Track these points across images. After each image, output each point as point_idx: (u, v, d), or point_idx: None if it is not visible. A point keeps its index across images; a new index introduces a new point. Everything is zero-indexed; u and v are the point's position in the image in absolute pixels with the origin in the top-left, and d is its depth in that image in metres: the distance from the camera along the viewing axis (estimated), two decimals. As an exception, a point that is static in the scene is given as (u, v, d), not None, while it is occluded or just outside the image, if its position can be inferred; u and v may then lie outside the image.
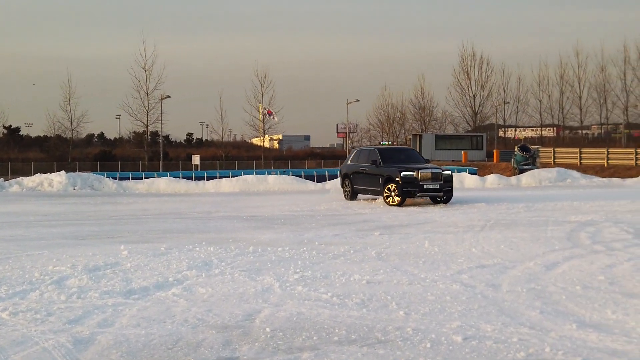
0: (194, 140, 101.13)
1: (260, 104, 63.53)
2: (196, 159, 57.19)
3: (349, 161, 21.01)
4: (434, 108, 79.58)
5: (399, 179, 17.69)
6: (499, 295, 6.59)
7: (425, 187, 17.83)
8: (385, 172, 18.30)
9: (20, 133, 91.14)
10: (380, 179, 18.48)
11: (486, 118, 77.20)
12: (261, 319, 5.80)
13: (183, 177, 33.20)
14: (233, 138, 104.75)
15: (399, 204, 17.69)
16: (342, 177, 21.18)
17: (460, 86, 76.00)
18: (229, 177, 31.39)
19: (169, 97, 58.29)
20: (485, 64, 76.07)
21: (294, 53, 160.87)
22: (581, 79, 74.12)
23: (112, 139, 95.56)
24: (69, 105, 60.69)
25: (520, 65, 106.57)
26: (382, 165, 18.73)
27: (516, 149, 37.84)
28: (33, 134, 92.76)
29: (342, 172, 21.20)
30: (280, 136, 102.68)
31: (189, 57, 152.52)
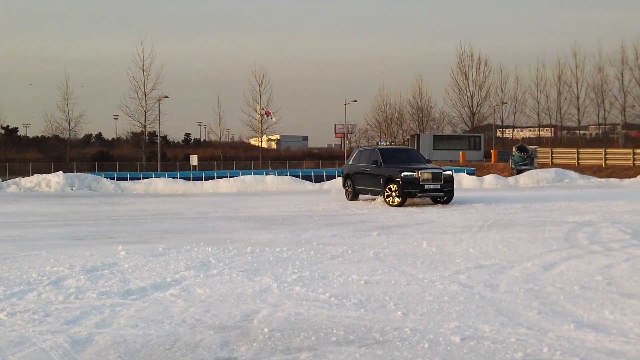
0: (191, 141, 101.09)
1: (258, 105, 63.62)
2: (194, 160, 57.18)
3: (350, 161, 21.03)
4: (431, 108, 79.71)
5: (400, 179, 17.68)
6: (497, 295, 6.60)
7: (426, 187, 17.82)
8: (386, 173, 18.30)
9: (18, 133, 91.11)
10: (381, 179, 18.48)
11: (484, 118, 77.30)
12: (259, 319, 5.79)
13: (181, 178, 33.21)
14: (231, 138, 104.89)
15: (399, 204, 17.68)
16: (343, 178, 21.22)
17: (458, 86, 76.08)
18: (226, 177, 31.42)
19: (167, 97, 58.41)
20: (483, 65, 76.18)
21: (292, 53, 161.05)
22: (579, 79, 74.41)
23: (110, 139, 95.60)
24: (67, 106, 60.74)
25: (518, 66, 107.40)
26: (382, 165, 18.73)
27: (514, 150, 37.91)
28: (31, 134, 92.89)
29: (344, 172, 21.24)
30: (278, 136, 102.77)
31: (187, 57, 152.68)
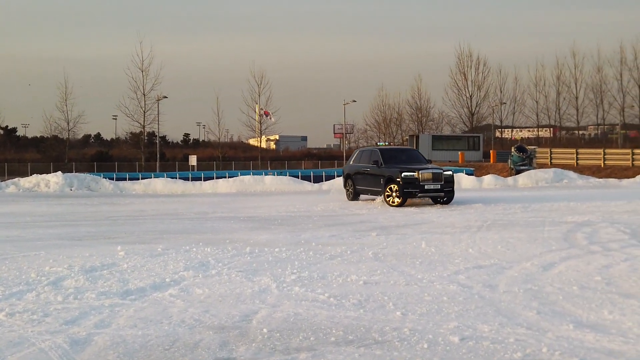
0: (190, 141, 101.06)
1: (257, 105, 63.63)
2: (193, 160, 57.20)
3: (351, 162, 21.04)
4: (430, 109, 79.88)
5: (400, 179, 17.68)
6: (496, 295, 6.60)
7: (426, 187, 17.79)
8: (386, 173, 18.29)
9: (17, 133, 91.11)
10: (381, 179, 18.47)
11: (483, 119, 77.37)
12: (258, 319, 5.79)
13: (180, 178, 33.23)
14: (230, 139, 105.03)
15: (400, 205, 17.67)
16: (344, 178, 21.24)
17: (457, 87, 76.16)
18: (225, 177, 31.43)
19: (166, 97, 58.42)
20: (482, 65, 76.25)
21: (291, 54, 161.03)
22: (578, 79, 74.51)
23: (109, 139, 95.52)
24: (66, 106, 60.83)
25: (517, 66, 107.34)
26: (383, 165, 18.72)
27: (513, 150, 37.93)
28: (30, 135, 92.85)
29: (345, 172, 21.27)
30: (277, 137, 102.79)
31: (186, 57, 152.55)
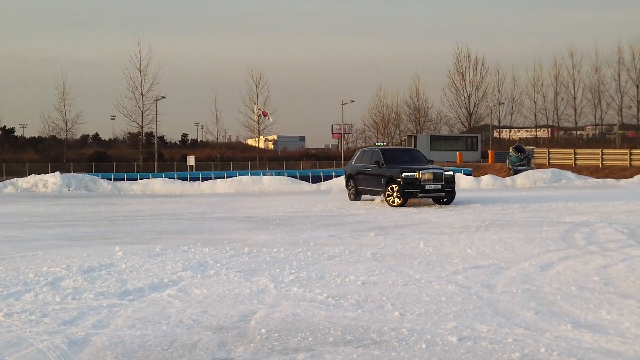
0: (189, 141, 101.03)
1: (255, 105, 63.58)
2: (191, 160, 57.15)
3: (353, 162, 21.09)
4: (428, 109, 79.96)
5: (401, 179, 17.70)
6: (494, 296, 6.60)
7: (427, 187, 17.80)
8: (387, 173, 18.31)
9: (15, 134, 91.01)
10: (382, 179, 18.50)
11: (481, 119, 77.43)
12: (256, 320, 5.79)
13: (178, 178, 33.18)
14: (228, 139, 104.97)
15: (400, 205, 17.69)
16: (346, 178, 21.32)
17: (455, 87, 76.23)
18: (224, 178, 31.41)
19: (164, 98, 58.32)
20: (480, 65, 76.33)
21: (289, 54, 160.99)
22: (576, 80, 74.62)
23: (107, 139, 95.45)
24: (64, 106, 60.63)
25: (515, 67, 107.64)
26: (384, 165, 18.75)
27: (511, 150, 37.96)
28: (27, 135, 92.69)
29: (347, 172, 21.34)
30: (275, 137, 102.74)
31: (184, 57, 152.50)
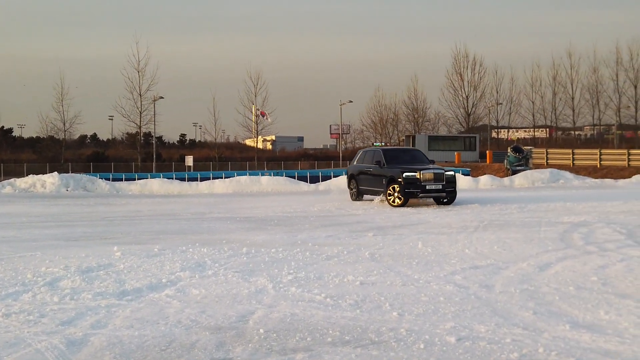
0: (187, 142, 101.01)
1: (253, 105, 63.56)
2: (189, 160, 57.14)
3: (354, 162, 21.14)
4: (427, 109, 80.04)
5: (401, 179, 17.73)
6: (493, 296, 6.60)
7: (428, 187, 17.82)
8: (388, 173, 18.34)
9: (13, 134, 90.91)
10: (383, 179, 18.53)
11: (479, 119, 77.52)
12: (255, 320, 5.79)
13: (176, 178, 33.16)
14: (226, 139, 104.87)
15: (401, 205, 17.71)
16: (348, 178, 21.36)
17: (453, 87, 76.34)
18: (222, 178, 31.38)
19: (162, 98, 58.29)
20: (478, 65, 76.47)
21: (288, 54, 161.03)
22: (574, 80, 74.69)
23: (105, 140, 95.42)
24: (62, 106, 60.49)
25: (513, 67, 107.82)
26: (385, 166, 18.78)
27: (509, 150, 37.94)
28: (25, 135, 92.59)
29: (348, 172, 21.40)
30: (274, 137, 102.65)
31: (182, 58, 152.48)
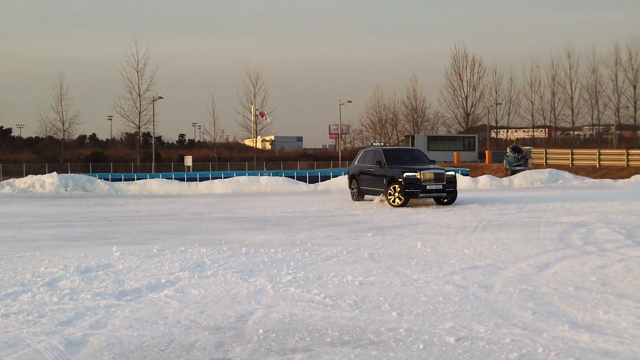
0: (186, 142, 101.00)
1: (252, 105, 63.51)
2: (188, 160, 57.09)
3: (356, 162, 21.17)
4: (426, 109, 79.99)
5: (402, 179, 17.74)
6: (492, 296, 6.61)
7: (428, 187, 17.84)
8: (389, 173, 18.37)
9: (12, 134, 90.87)
10: (384, 179, 18.56)
11: (478, 119, 77.49)
12: (254, 320, 5.79)
13: (175, 179, 33.14)
14: (225, 139, 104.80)
15: (402, 205, 17.73)
16: (349, 178, 21.39)
17: (452, 87, 76.29)
18: (221, 178, 31.37)
19: (161, 98, 58.23)
20: (477, 65, 76.41)
21: (288, 54, 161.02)
22: (573, 80, 74.74)
23: (104, 140, 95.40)
24: (61, 106, 60.50)
25: (512, 67, 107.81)
26: (386, 166, 18.81)
27: (508, 150, 37.98)
28: (25, 135, 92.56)
29: (349, 172, 21.42)
30: (273, 137, 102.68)
31: (181, 58, 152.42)
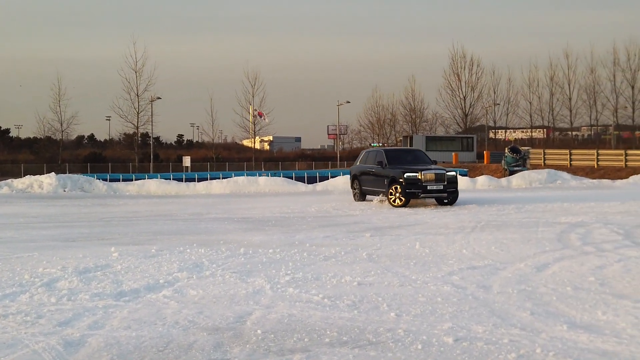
0: (184, 142, 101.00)
1: (250, 106, 63.49)
2: (187, 161, 57.08)
3: (357, 162, 21.22)
4: (424, 109, 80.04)
5: (403, 180, 17.76)
6: (490, 296, 6.61)
7: (429, 188, 17.85)
8: (390, 173, 18.39)
9: (10, 134, 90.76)
10: (385, 180, 18.57)
11: (476, 119, 77.59)
12: (252, 320, 5.78)
13: (174, 179, 33.11)
14: (224, 140, 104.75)
15: (403, 205, 17.74)
16: (351, 178, 21.43)
17: (451, 88, 76.37)
18: (219, 178, 31.36)
19: (160, 98, 58.21)
20: (476, 66, 76.54)
21: (288, 54, 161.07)
22: (571, 80, 74.89)
23: (103, 140, 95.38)
24: (59, 107, 60.46)
25: (510, 67, 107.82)
26: (387, 166, 18.82)
27: (506, 151, 38.02)
28: (23, 136, 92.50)
29: (351, 173, 21.45)
30: (271, 137, 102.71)
31: (179, 58, 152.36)
